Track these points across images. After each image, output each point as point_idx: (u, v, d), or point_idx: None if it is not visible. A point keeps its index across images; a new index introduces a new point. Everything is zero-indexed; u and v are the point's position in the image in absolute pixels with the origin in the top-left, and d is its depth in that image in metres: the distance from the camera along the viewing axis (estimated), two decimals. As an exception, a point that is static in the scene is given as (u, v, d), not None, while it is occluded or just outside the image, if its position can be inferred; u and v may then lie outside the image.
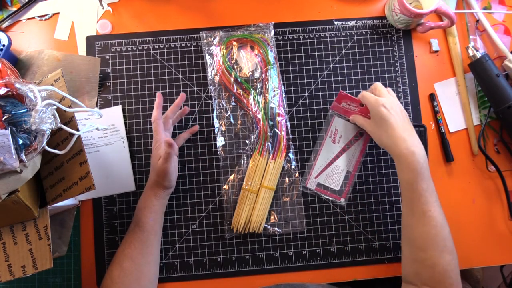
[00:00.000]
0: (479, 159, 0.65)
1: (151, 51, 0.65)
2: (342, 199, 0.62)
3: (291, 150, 0.63)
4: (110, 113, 0.63)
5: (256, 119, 0.63)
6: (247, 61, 0.65)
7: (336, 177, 0.63)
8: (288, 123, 0.64)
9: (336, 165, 0.63)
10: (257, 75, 0.65)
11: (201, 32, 0.65)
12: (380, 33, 0.67)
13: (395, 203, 0.63)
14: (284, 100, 0.64)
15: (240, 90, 0.64)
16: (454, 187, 0.64)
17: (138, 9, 0.67)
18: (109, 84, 0.65)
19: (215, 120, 0.64)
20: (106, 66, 0.65)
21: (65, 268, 0.62)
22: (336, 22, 0.67)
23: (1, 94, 0.43)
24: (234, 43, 0.65)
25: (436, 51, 0.67)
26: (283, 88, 0.65)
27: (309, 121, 0.65)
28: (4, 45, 0.60)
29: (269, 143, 0.62)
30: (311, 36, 0.67)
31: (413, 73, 0.66)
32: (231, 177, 0.63)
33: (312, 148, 0.64)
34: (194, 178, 0.63)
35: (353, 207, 0.63)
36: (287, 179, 0.63)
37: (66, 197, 0.49)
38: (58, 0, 0.67)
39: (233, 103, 0.64)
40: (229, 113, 0.64)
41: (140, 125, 0.64)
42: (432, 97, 0.65)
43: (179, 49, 0.66)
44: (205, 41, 0.65)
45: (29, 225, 0.49)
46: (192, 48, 0.66)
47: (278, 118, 0.63)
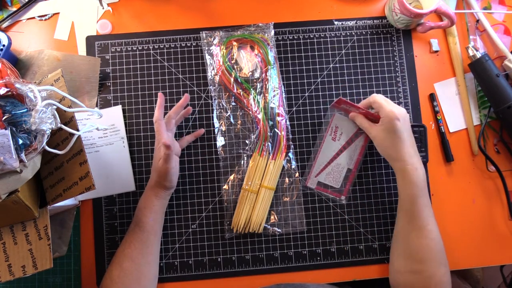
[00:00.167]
0: (479, 159, 0.65)
1: (151, 51, 0.65)
2: (343, 197, 0.62)
3: (291, 150, 0.63)
4: (110, 113, 0.63)
5: (256, 119, 0.63)
6: (247, 61, 0.65)
7: (337, 175, 0.63)
8: (288, 123, 0.64)
9: (337, 163, 0.63)
10: (257, 75, 0.65)
11: (201, 32, 0.65)
12: (380, 33, 0.67)
13: (395, 203, 0.63)
14: (284, 100, 0.64)
15: (240, 90, 0.64)
16: (454, 187, 0.64)
17: (138, 9, 0.67)
18: (109, 84, 0.65)
19: (215, 120, 0.64)
20: (106, 66, 0.65)
21: (65, 268, 0.62)
22: (336, 22, 0.67)
23: (1, 94, 0.43)
24: (234, 43, 0.65)
25: (436, 51, 0.67)
26: (283, 88, 0.65)
27: (309, 121, 0.65)
28: (4, 45, 0.60)
29: (269, 143, 0.62)
30: (311, 36, 0.67)
31: (413, 73, 0.66)
32: (231, 177, 0.63)
33: (312, 148, 0.64)
34: (194, 178, 0.63)
35: (353, 207, 0.63)
36: (287, 179, 0.63)
37: (66, 197, 0.49)
38: (58, 0, 0.67)
39: (233, 103, 0.64)
40: (229, 113, 0.64)
41: (140, 125, 0.64)
42: (432, 97, 0.65)
43: (179, 49, 0.66)
44: (205, 41, 0.65)
45: (29, 225, 0.49)
46: (192, 48, 0.66)
47: (278, 118, 0.63)
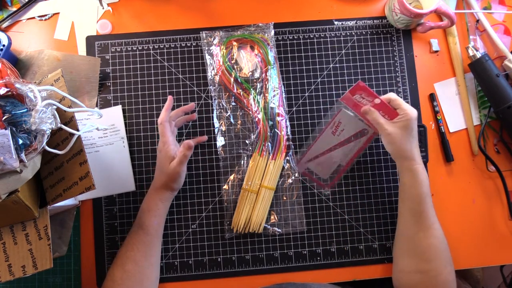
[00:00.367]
0: (479, 159, 0.65)
1: (151, 51, 0.65)
2: (327, 189, 0.62)
3: (291, 150, 0.63)
4: (110, 113, 0.63)
5: (256, 119, 0.63)
6: (247, 61, 0.65)
7: (327, 168, 0.62)
8: (288, 123, 0.64)
9: (330, 156, 0.62)
10: (257, 75, 0.65)
11: (201, 32, 0.65)
12: (380, 33, 0.67)
13: (395, 203, 0.63)
14: (284, 100, 0.64)
15: (240, 90, 0.64)
16: (454, 187, 0.64)
17: (138, 9, 0.67)
18: (109, 84, 0.65)
19: (215, 120, 0.64)
20: (106, 66, 0.65)
21: (65, 268, 0.62)
22: (336, 22, 0.67)
23: (1, 94, 0.43)
24: (234, 43, 0.65)
25: (436, 51, 0.67)
26: (283, 88, 0.65)
27: (309, 121, 0.65)
28: (4, 45, 0.60)
29: (269, 143, 0.62)
30: (311, 36, 0.67)
31: (413, 73, 0.66)
32: (231, 177, 0.63)
33: (310, 134, 0.64)
34: (194, 178, 0.63)
35: (353, 207, 0.63)
36: (287, 179, 0.63)
37: (66, 197, 0.49)
38: (58, 0, 0.67)
39: (233, 103, 0.64)
40: (229, 113, 0.64)
41: (140, 125, 0.64)
42: (432, 97, 0.65)
43: (179, 49, 0.66)
44: (205, 41, 0.65)
45: (29, 225, 0.49)
46: (192, 48, 0.66)
47: (278, 118, 0.63)
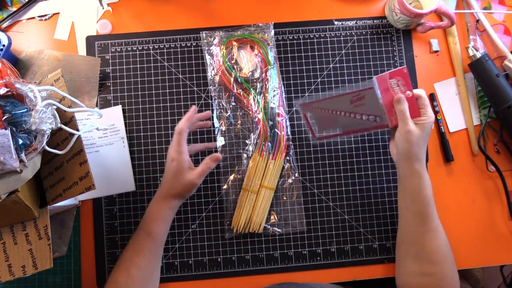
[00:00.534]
0: (479, 159, 0.65)
1: (151, 51, 0.65)
2: (315, 139, 0.63)
3: (291, 150, 0.63)
4: (110, 113, 0.63)
5: (256, 119, 0.63)
6: (247, 61, 0.65)
7: (325, 124, 0.61)
8: (288, 123, 0.64)
9: (335, 117, 0.59)
10: (257, 75, 0.65)
11: (201, 32, 0.65)
12: (380, 33, 0.67)
13: (395, 203, 0.63)
14: (284, 100, 0.64)
15: (240, 90, 0.64)
16: (454, 187, 0.64)
17: (138, 9, 0.67)
18: (109, 84, 0.65)
19: (215, 120, 0.64)
20: (106, 66, 0.65)
21: (65, 268, 0.62)
22: (336, 22, 0.67)
23: (1, 94, 0.43)
24: (234, 43, 0.65)
25: (436, 51, 0.67)
26: (283, 88, 0.65)
27: (309, 121, 0.65)
28: (4, 45, 0.60)
29: (269, 143, 0.62)
30: (311, 36, 0.67)
31: (413, 73, 0.66)
32: (231, 177, 0.63)
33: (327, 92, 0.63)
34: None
35: (353, 207, 0.63)
36: (287, 179, 0.63)
37: (66, 197, 0.49)
38: (58, 0, 0.67)
39: (233, 103, 0.64)
40: (229, 113, 0.64)
41: (140, 125, 0.64)
42: (432, 97, 0.65)
43: (179, 49, 0.66)
44: (205, 41, 0.65)
45: (29, 225, 0.49)
46: (192, 48, 0.66)
47: (278, 118, 0.63)
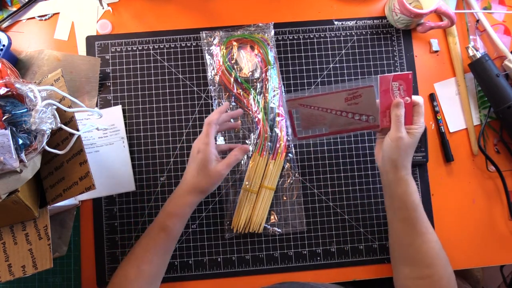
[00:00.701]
0: (479, 159, 0.65)
1: (151, 51, 0.65)
2: (295, 138, 0.59)
3: (291, 150, 0.63)
4: (110, 113, 0.63)
5: (256, 119, 0.63)
6: (247, 61, 0.65)
7: (312, 122, 0.57)
8: (288, 123, 0.64)
9: (324, 115, 0.56)
10: (257, 75, 0.65)
11: (201, 32, 0.65)
12: (380, 33, 0.67)
13: (395, 203, 0.63)
14: (284, 100, 0.64)
15: (240, 90, 0.64)
16: (454, 187, 0.64)
17: (138, 9, 0.67)
18: (109, 84, 0.65)
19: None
20: (106, 66, 0.65)
21: (65, 268, 0.62)
22: (336, 22, 0.67)
23: (1, 94, 0.43)
24: (234, 43, 0.65)
25: (436, 51, 0.67)
26: (283, 88, 0.65)
27: (309, 121, 0.64)
28: (4, 45, 0.60)
29: (269, 143, 0.62)
30: (311, 36, 0.67)
31: (413, 73, 0.66)
32: (231, 177, 0.63)
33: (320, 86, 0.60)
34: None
35: (353, 207, 0.63)
36: (287, 179, 0.63)
37: (66, 197, 0.49)
38: (58, 0, 0.67)
39: (233, 103, 0.64)
40: (229, 113, 0.64)
41: (140, 125, 0.64)
42: (432, 97, 0.65)
43: (179, 49, 0.66)
44: (205, 41, 0.65)
45: (29, 225, 0.49)
46: (192, 48, 0.66)
47: (278, 118, 0.63)
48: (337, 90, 0.55)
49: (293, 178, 0.63)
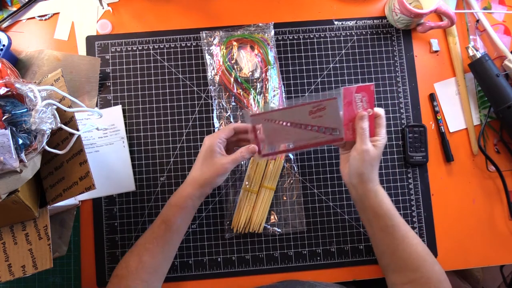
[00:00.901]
0: (479, 159, 0.65)
1: (151, 51, 0.65)
2: (259, 155, 0.56)
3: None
4: (110, 113, 0.63)
5: (256, 119, 0.63)
6: (247, 61, 0.65)
7: (276, 138, 0.55)
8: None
9: (287, 130, 0.54)
10: (257, 75, 0.65)
11: (201, 32, 0.65)
12: (380, 33, 0.67)
13: (395, 203, 0.63)
14: (284, 100, 0.64)
15: (240, 90, 0.64)
16: (454, 187, 0.64)
17: (138, 9, 0.67)
18: (109, 84, 0.65)
19: (215, 120, 0.64)
20: (106, 66, 0.65)
21: (65, 268, 0.62)
22: (336, 22, 0.67)
23: (1, 94, 0.43)
24: (234, 43, 0.65)
25: (436, 51, 0.67)
26: (283, 88, 0.65)
27: (309, 121, 0.64)
28: (4, 45, 0.60)
29: (269, 143, 0.62)
30: (311, 36, 0.67)
31: (413, 73, 0.66)
32: (231, 177, 0.63)
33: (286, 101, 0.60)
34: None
35: (353, 207, 0.63)
36: (287, 179, 0.63)
37: (66, 197, 0.49)
38: (58, 0, 0.67)
39: (233, 103, 0.64)
40: (229, 113, 0.64)
41: (140, 125, 0.64)
42: (432, 97, 0.65)
43: (179, 49, 0.66)
44: (205, 41, 0.65)
45: (29, 225, 0.49)
46: (192, 48, 0.66)
47: (278, 118, 0.63)
48: (302, 103, 0.54)
49: (293, 178, 0.63)
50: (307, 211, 0.63)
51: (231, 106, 0.64)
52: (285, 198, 0.63)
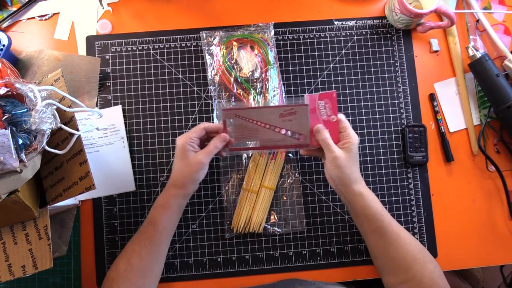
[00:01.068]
0: (479, 159, 0.65)
1: (151, 51, 0.65)
2: (227, 149, 0.57)
3: (291, 150, 0.63)
4: (110, 113, 0.63)
5: (256, 119, 0.63)
6: (247, 61, 0.65)
7: (244, 135, 0.56)
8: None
9: (257, 129, 0.56)
10: (257, 75, 0.65)
11: (201, 32, 0.65)
12: (380, 33, 0.67)
13: (395, 203, 0.63)
14: (284, 100, 0.64)
15: (240, 90, 0.64)
16: (454, 187, 0.64)
17: (138, 9, 0.67)
18: (109, 84, 0.65)
19: (215, 120, 0.64)
20: (106, 66, 0.65)
21: (65, 268, 0.62)
22: (336, 22, 0.67)
23: (1, 94, 0.43)
24: (234, 43, 0.65)
25: (436, 51, 0.67)
26: (283, 88, 0.65)
27: (309, 121, 0.64)
28: (4, 45, 0.60)
29: (269, 143, 0.62)
30: (311, 36, 0.67)
31: (413, 73, 0.66)
32: (231, 177, 0.63)
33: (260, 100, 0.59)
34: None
35: (353, 207, 0.63)
36: (287, 179, 0.63)
37: (66, 197, 0.49)
38: (58, 0, 0.67)
39: (233, 103, 0.64)
40: (229, 113, 0.64)
41: (140, 125, 0.64)
42: (432, 97, 0.65)
43: (179, 49, 0.66)
44: (205, 41, 0.65)
45: (29, 225, 0.49)
46: (192, 48, 0.66)
47: (278, 118, 0.63)
48: (274, 105, 0.56)
49: (293, 178, 0.63)
50: (307, 211, 0.63)
51: (231, 106, 0.64)
52: (285, 198, 0.63)
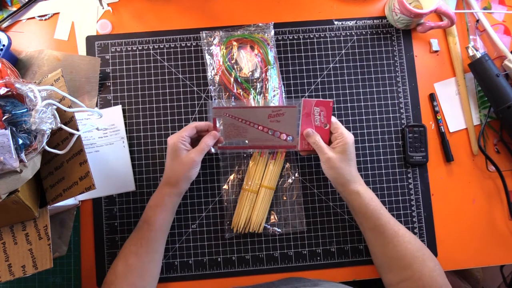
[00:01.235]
0: (479, 159, 0.65)
1: (151, 51, 0.65)
2: (216, 147, 0.60)
3: (291, 150, 0.63)
4: (110, 113, 0.63)
5: (256, 119, 0.63)
6: (247, 61, 0.65)
7: (233, 134, 0.59)
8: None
9: (246, 128, 0.58)
10: (257, 75, 0.65)
11: (201, 32, 0.65)
12: (380, 33, 0.67)
13: (395, 203, 0.63)
14: (284, 100, 0.64)
15: (240, 90, 0.64)
16: (454, 187, 0.64)
17: (138, 9, 0.67)
18: (109, 84, 0.65)
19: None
20: (106, 66, 0.65)
21: (65, 268, 0.62)
22: (336, 22, 0.67)
23: (1, 94, 0.43)
24: (234, 43, 0.65)
25: (436, 51, 0.67)
26: (283, 88, 0.65)
27: (309, 121, 0.64)
28: (4, 45, 0.60)
29: (269, 143, 0.62)
30: (311, 36, 0.67)
31: (413, 73, 0.66)
32: (231, 177, 0.63)
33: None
34: (194, 178, 0.63)
35: (353, 207, 0.63)
36: (287, 179, 0.63)
37: (66, 197, 0.49)
38: (58, 0, 0.67)
39: (233, 103, 0.64)
40: (229, 113, 0.64)
41: (140, 125, 0.64)
42: (432, 97, 0.65)
43: (179, 49, 0.66)
44: (205, 41, 0.65)
45: (29, 225, 0.49)
46: (192, 48, 0.66)
47: (278, 118, 0.63)
48: (264, 106, 0.58)
49: (293, 178, 0.63)
50: (307, 211, 0.63)
51: (231, 105, 0.64)
52: (285, 198, 0.63)
